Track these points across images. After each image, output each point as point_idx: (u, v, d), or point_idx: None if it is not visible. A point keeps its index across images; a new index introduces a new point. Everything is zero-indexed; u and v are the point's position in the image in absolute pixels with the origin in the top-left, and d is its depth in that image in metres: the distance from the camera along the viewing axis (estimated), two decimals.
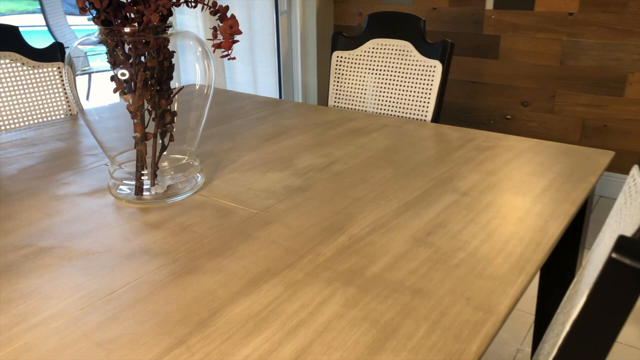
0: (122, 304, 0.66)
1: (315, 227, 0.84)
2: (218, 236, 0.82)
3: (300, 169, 1.08)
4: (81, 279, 0.72)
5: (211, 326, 0.62)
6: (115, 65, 0.89)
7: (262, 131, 1.32)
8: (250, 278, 0.71)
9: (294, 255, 0.77)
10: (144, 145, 0.93)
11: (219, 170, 1.09)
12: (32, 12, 8.34)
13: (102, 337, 0.61)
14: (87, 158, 1.17)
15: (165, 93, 0.93)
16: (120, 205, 0.94)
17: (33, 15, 7.62)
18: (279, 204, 0.93)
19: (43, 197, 0.97)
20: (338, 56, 1.65)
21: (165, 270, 0.74)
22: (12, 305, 0.67)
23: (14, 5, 8.70)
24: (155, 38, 0.86)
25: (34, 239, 0.82)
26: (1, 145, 1.25)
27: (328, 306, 0.65)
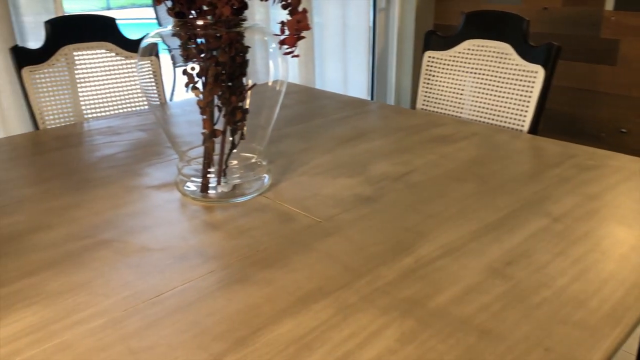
0: (164, 310, 0.63)
1: (380, 244, 0.77)
2: (275, 244, 0.77)
3: (373, 176, 1.01)
4: (131, 277, 0.70)
5: (249, 346, 0.57)
6: (188, 59, 0.87)
7: (340, 133, 1.26)
8: (300, 295, 0.66)
9: (352, 274, 0.70)
10: (212, 143, 0.91)
11: (288, 172, 1.04)
12: (150, 6, 8.88)
13: (138, 344, 0.58)
14: (165, 150, 1.18)
15: (236, 89, 0.89)
16: (185, 202, 0.92)
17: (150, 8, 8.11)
18: (344, 213, 0.86)
19: (114, 187, 0.98)
20: (430, 56, 1.55)
21: (215, 276, 0.70)
22: (60, 298, 0.66)
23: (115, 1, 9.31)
24: (227, 32, 0.83)
25: (96, 230, 0.82)
26: (88, 133, 1.29)
27: (380, 339, 0.58)
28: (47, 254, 0.76)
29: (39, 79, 1.36)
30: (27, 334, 0.59)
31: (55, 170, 1.06)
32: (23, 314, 0.63)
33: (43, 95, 1.36)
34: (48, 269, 0.72)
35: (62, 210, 0.89)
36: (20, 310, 0.63)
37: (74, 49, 1.40)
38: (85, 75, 1.43)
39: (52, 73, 1.37)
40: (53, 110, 1.39)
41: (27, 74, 1.33)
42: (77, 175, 1.03)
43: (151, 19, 4.25)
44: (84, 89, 1.44)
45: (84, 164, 1.09)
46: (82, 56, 1.42)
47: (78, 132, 1.30)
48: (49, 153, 1.16)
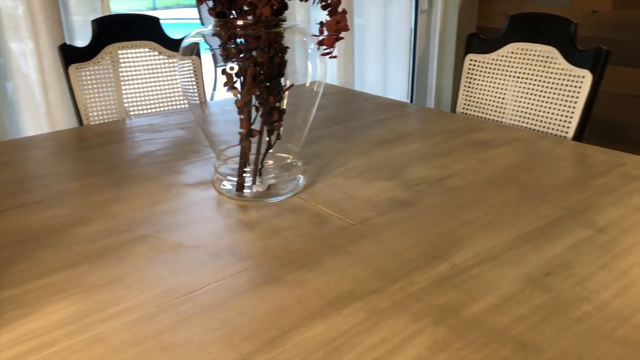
0: (196, 307, 0.64)
1: (414, 249, 0.76)
2: (307, 245, 0.77)
3: (409, 180, 0.99)
4: (166, 273, 0.71)
5: (279, 347, 0.57)
6: (228, 58, 0.88)
7: (377, 135, 1.25)
8: (331, 298, 0.65)
9: (384, 278, 0.69)
10: (249, 142, 0.91)
11: (324, 173, 1.03)
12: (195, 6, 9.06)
13: (170, 339, 0.58)
14: (203, 149, 1.19)
15: (274, 90, 0.89)
16: (221, 200, 0.93)
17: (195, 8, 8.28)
18: (379, 217, 0.85)
19: (153, 184, 1.00)
20: (472, 59, 1.52)
21: (247, 275, 0.70)
22: (97, 291, 0.67)
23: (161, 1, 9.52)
24: (266, 32, 0.83)
25: (134, 225, 0.84)
26: (130, 130, 1.32)
27: (412, 346, 0.57)
28: (86, 248, 0.77)
29: (85, 76, 1.39)
30: (64, 324, 0.61)
31: (97, 165, 1.09)
32: (61, 305, 0.64)
33: (88, 92, 1.40)
34: (87, 262, 0.74)
35: (102, 205, 0.91)
36: (59, 302, 0.65)
37: (119, 48, 1.44)
38: (129, 73, 1.47)
39: (97, 70, 1.41)
40: (97, 107, 1.43)
41: (73, 71, 1.37)
42: (118, 171, 1.06)
43: (195, 19, 4.33)
44: (127, 86, 1.47)
45: (125, 160, 1.12)
46: (126, 54, 1.45)
47: (120, 128, 1.33)
48: (92, 149, 1.19)
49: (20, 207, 0.90)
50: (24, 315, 0.62)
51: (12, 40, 1.48)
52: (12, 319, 0.62)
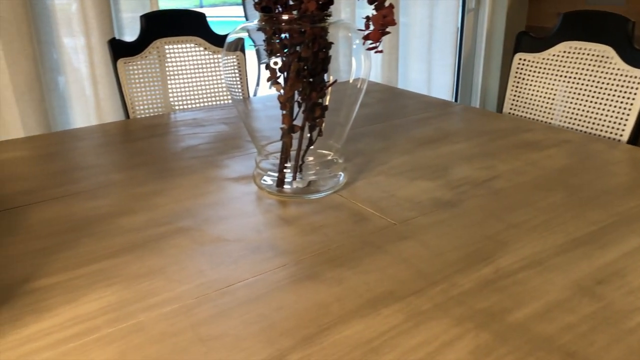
0: (234, 300, 0.64)
1: (457, 251, 0.73)
2: (347, 243, 0.76)
3: (453, 180, 0.97)
4: (205, 266, 0.71)
5: (316, 345, 0.56)
6: (272, 53, 0.87)
7: (420, 134, 1.23)
8: (370, 297, 0.64)
9: (425, 280, 0.67)
10: (290, 138, 0.91)
11: (365, 171, 1.02)
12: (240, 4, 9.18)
13: (207, 332, 0.58)
14: (245, 144, 1.20)
15: (317, 85, 0.89)
16: (261, 195, 0.93)
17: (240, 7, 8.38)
18: (421, 217, 0.83)
19: (195, 177, 1.01)
20: (521, 58, 1.47)
21: (285, 271, 0.70)
22: (138, 281, 0.68)
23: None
24: (311, 27, 0.82)
25: (175, 217, 0.85)
26: (174, 123, 1.34)
27: (453, 350, 0.55)
28: (128, 238, 0.79)
29: (132, 71, 1.42)
30: (106, 312, 0.62)
31: (141, 157, 1.11)
32: (103, 293, 0.65)
33: (135, 86, 1.43)
34: (128, 252, 0.75)
35: (145, 197, 0.92)
36: (101, 290, 0.66)
37: (166, 43, 1.46)
38: (174, 68, 1.49)
39: (144, 65, 1.44)
40: (143, 101, 1.45)
41: (121, 65, 1.40)
42: (161, 164, 1.07)
43: (241, 16, 4.38)
44: (173, 81, 1.49)
45: (168, 153, 1.13)
46: (172, 49, 1.47)
47: (165, 122, 1.35)
48: (137, 141, 1.21)
49: (67, 196, 0.93)
50: (68, 302, 0.64)
51: (65, 35, 1.52)
52: (57, 304, 0.63)
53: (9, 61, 1.39)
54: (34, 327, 0.60)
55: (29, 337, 0.58)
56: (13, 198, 0.92)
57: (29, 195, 0.93)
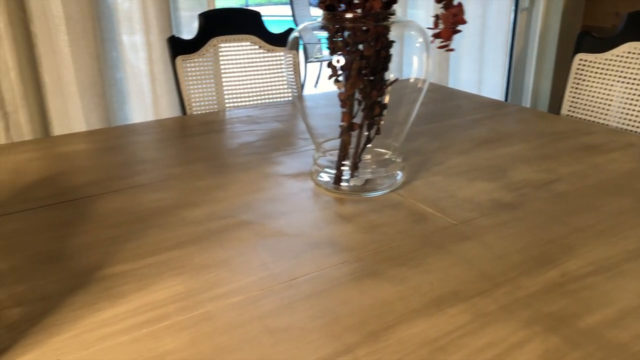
0: (299, 294, 0.65)
1: (521, 254, 0.72)
2: (407, 242, 0.76)
3: (513, 182, 0.95)
4: (268, 259, 0.73)
5: (382, 341, 0.57)
6: (334, 51, 0.88)
7: (476, 134, 1.21)
8: (434, 297, 0.64)
9: (490, 281, 0.66)
10: (349, 136, 0.91)
11: (422, 170, 1.02)
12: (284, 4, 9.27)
13: (274, 323, 0.60)
14: (299, 141, 1.21)
15: (378, 84, 0.89)
16: (318, 192, 0.94)
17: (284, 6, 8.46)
18: (481, 218, 0.82)
19: (253, 173, 1.03)
20: (582, 59, 1.43)
21: (347, 268, 0.70)
22: (204, 271, 0.70)
23: None
24: (374, 25, 0.82)
25: (236, 211, 0.87)
26: (230, 120, 1.37)
27: (522, 353, 0.54)
28: (192, 230, 0.81)
29: (190, 68, 1.46)
30: (175, 301, 0.64)
31: (199, 153, 1.13)
32: (172, 282, 0.68)
33: (192, 82, 1.47)
34: (193, 244, 0.77)
35: (205, 190, 0.95)
36: (170, 279, 0.68)
37: (222, 41, 1.49)
38: (230, 65, 1.52)
39: (201, 62, 1.47)
40: (199, 97, 1.49)
41: (179, 62, 1.44)
42: (219, 159, 1.10)
43: (287, 16, 4.42)
44: (228, 78, 1.52)
45: (225, 149, 1.16)
46: (228, 47, 1.50)
47: (221, 119, 1.38)
48: (195, 137, 1.24)
49: (131, 188, 0.96)
50: (139, 289, 0.66)
51: (124, 33, 1.58)
52: (129, 291, 0.66)
53: (74, 58, 1.45)
54: (109, 312, 0.62)
55: (105, 322, 0.60)
56: (81, 189, 0.96)
57: (95, 186, 0.97)
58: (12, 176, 1.01)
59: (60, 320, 0.61)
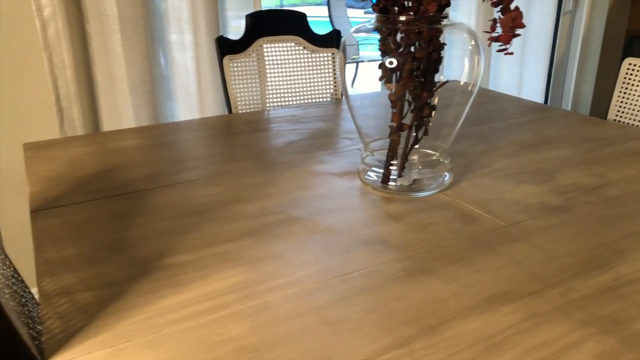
0: (353, 288, 0.67)
1: (572, 256, 0.73)
2: (457, 242, 0.77)
3: (561, 186, 0.95)
4: (320, 254, 0.75)
5: (438, 336, 0.58)
6: (385, 53, 0.90)
7: (521, 137, 1.21)
8: (486, 296, 0.65)
9: (542, 282, 0.67)
10: (398, 136, 0.93)
11: (468, 172, 1.02)
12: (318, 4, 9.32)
13: (331, 315, 0.62)
14: (343, 141, 1.23)
15: (428, 85, 0.90)
16: (366, 191, 0.96)
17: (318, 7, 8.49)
18: (530, 220, 0.83)
19: (300, 170, 1.05)
20: (631, 64, 1.41)
21: (399, 264, 0.72)
22: (261, 263, 0.73)
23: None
24: (428, 28, 0.84)
25: (287, 207, 0.89)
26: (275, 119, 1.40)
27: (578, 352, 0.55)
28: (246, 224, 0.84)
29: (236, 67, 1.50)
30: (235, 290, 0.67)
31: (247, 150, 1.17)
32: (230, 272, 0.70)
33: (237, 81, 1.50)
34: (248, 237, 0.80)
35: (255, 187, 0.97)
36: (228, 270, 0.71)
37: (268, 41, 1.52)
38: (275, 65, 1.55)
39: (247, 62, 1.50)
40: (244, 96, 1.52)
41: (227, 62, 1.48)
42: (266, 157, 1.12)
43: (322, 17, 4.44)
44: (272, 78, 1.55)
45: (271, 147, 1.18)
46: (273, 48, 1.53)
47: (265, 118, 1.41)
48: (241, 135, 1.27)
49: (184, 183, 1.00)
50: (200, 278, 0.69)
51: (173, 32, 1.62)
52: (190, 280, 0.69)
53: (126, 57, 1.50)
54: (172, 299, 0.65)
55: (170, 308, 0.63)
56: (136, 182, 1.00)
57: (149, 180, 1.01)
58: (70, 169, 1.06)
59: (127, 305, 0.64)
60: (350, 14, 4.58)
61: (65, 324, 0.61)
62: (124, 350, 0.57)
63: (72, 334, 0.59)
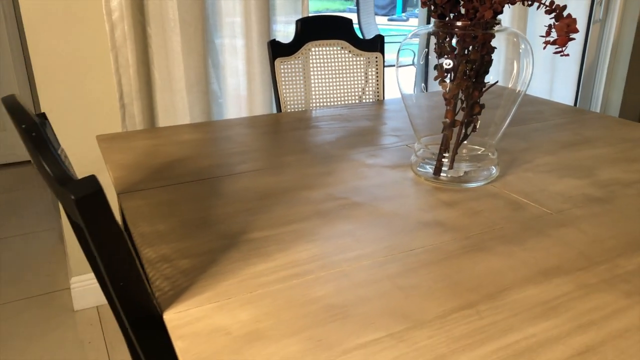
0: (418, 261, 0.75)
1: (616, 239, 0.80)
2: (508, 226, 0.85)
3: (601, 180, 1.03)
4: (384, 233, 0.83)
5: (500, 300, 0.66)
6: (441, 55, 0.99)
7: (560, 137, 1.28)
8: (540, 269, 0.73)
9: (589, 260, 0.75)
10: (451, 131, 1.01)
11: (513, 167, 1.10)
12: (342, 11, 9.43)
13: (402, 282, 0.70)
14: (390, 138, 1.31)
15: (480, 85, 0.98)
16: (418, 181, 1.04)
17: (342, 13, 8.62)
18: (574, 209, 0.91)
19: (355, 163, 1.14)
20: None
21: (458, 244, 0.80)
22: (332, 239, 0.81)
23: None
24: (483, 33, 0.92)
25: (348, 194, 0.98)
26: (323, 118, 1.49)
27: (625, 316, 0.63)
28: (313, 207, 0.93)
29: (286, 69, 1.59)
30: (315, 260, 0.76)
31: (302, 145, 1.26)
32: (308, 246, 0.79)
33: (287, 82, 1.60)
34: (317, 218, 0.89)
35: (316, 176, 1.07)
36: (305, 244, 0.80)
37: (316, 45, 1.62)
38: (322, 68, 1.64)
39: (296, 64, 1.60)
40: (293, 96, 1.62)
41: (278, 64, 1.58)
42: (321, 151, 1.22)
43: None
44: (319, 80, 1.65)
45: (325, 142, 1.28)
46: (321, 51, 1.63)
47: (315, 116, 1.50)
48: (295, 131, 1.37)
49: (251, 171, 1.09)
50: (281, 250, 0.78)
51: (227, 36, 1.73)
52: (273, 252, 0.78)
53: (184, 57, 1.61)
54: (261, 266, 0.74)
55: (260, 273, 0.73)
56: (208, 170, 1.10)
57: (220, 169, 1.10)
58: (145, 158, 1.16)
59: (222, 270, 0.74)
60: (378, 21, 4.68)
61: (172, 284, 0.71)
62: (228, 305, 0.66)
63: (180, 292, 0.69)
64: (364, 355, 0.57)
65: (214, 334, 0.61)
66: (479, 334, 0.60)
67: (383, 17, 8.77)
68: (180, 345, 0.59)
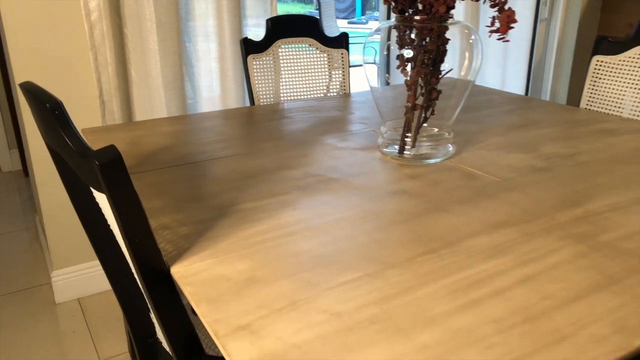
0: (387, 221, 0.87)
1: (554, 199, 0.94)
2: (464, 192, 0.98)
3: (544, 154, 1.17)
4: (358, 201, 0.95)
5: (457, 246, 0.79)
6: (402, 46, 1.11)
7: (509, 121, 1.43)
8: (490, 223, 0.86)
9: (531, 215, 0.89)
10: (412, 114, 1.14)
11: (467, 146, 1.24)
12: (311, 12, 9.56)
13: (376, 236, 0.82)
14: (358, 125, 1.44)
15: (436, 72, 1.12)
16: (385, 160, 1.16)
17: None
18: (521, 177, 1.05)
19: (328, 147, 1.25)
20: (598, 60, 1.65)
21: (421, 207, 0.93)
22: (313, 207, 0.93)
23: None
24: (438, 25, 1.06)
25: (324, 171, 1.09)
26: (295, 109, 1.60)
27: (559, 254, 0.76)
28: (294, 183, 1.04)
29: (258, 65, 1.70)
30: (299, 223, 0.87)
31: (278, 133, 1.37)
32: (292, 213, 0.90)
33: (259, 78, 1.71)
34: (298, 191, 1.00)
35: (294, 158, 1.18)
36: (289, 211, 0.91)
37: (285, 43, 1.73)
38: (291, 63, 1.76)
39: (267, 60, 1.71)
40: (264, 90, 1.73)
41: (250, 60, 1.68)
42: (296, 137, 1.33)
43: None
44: (288, 75, 1.76)
45: (298, 130, 1.39)
46: (289, 48, 1.74)
47: (287, 108, 1.61)
48: (269, 122, 1.48)
49: (233, 156, 1.19)
50: (269, 217, 0.89)
51: (200, 34, 1.82)
52: (262, 218, 0.89)
53: (161, 56, 1.69)
54: (252, 230, 0.85)
55: (252, 235, 0.83)
56: (193, 156, 1.19)
57: (203, 154, 1.20)
58: (132, 147, 1.25)
59: (219, 233, 0.84)
60: (339, 24, 4.83)
61: (175, 246, 0.80)
62: (227, 259, 0.76)
63: (183, 251, 0.79)
64: (346, 289, 0.69)
65: (217, 280, 0.71)
66: (440, 270, 0.73)
67: (343, 20, 8.96)
68: (190, 290, 0.69)
